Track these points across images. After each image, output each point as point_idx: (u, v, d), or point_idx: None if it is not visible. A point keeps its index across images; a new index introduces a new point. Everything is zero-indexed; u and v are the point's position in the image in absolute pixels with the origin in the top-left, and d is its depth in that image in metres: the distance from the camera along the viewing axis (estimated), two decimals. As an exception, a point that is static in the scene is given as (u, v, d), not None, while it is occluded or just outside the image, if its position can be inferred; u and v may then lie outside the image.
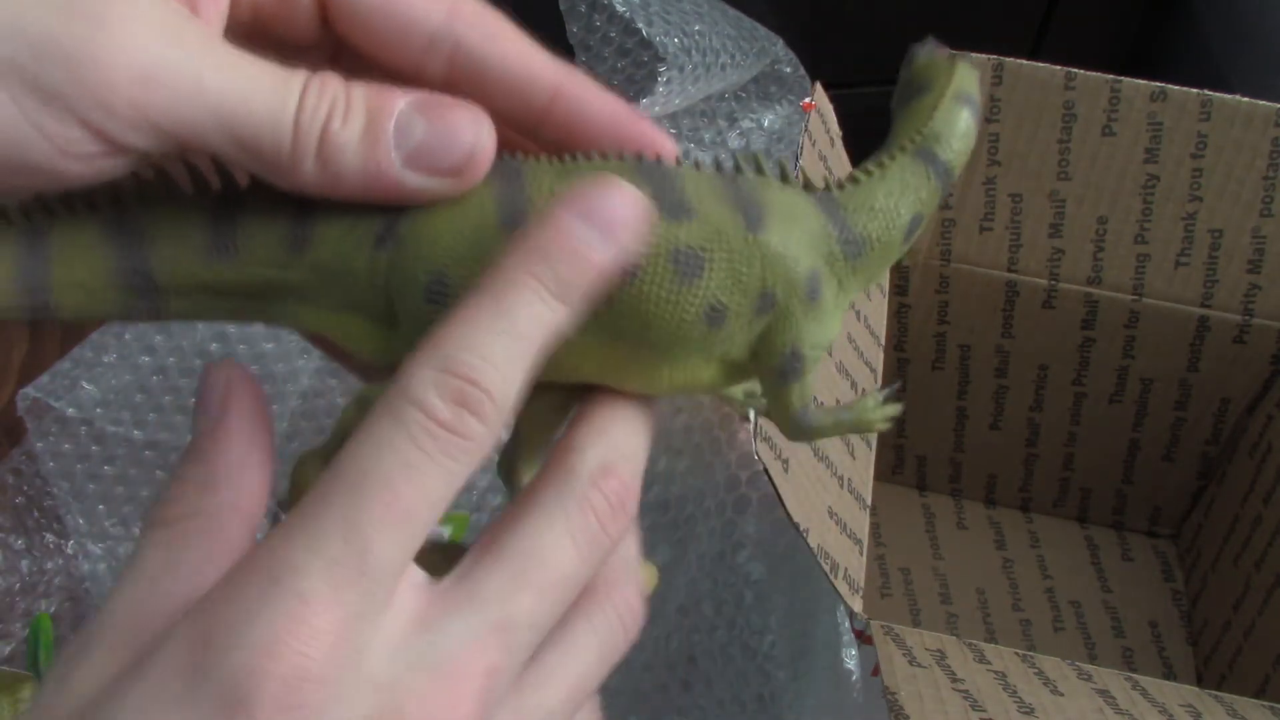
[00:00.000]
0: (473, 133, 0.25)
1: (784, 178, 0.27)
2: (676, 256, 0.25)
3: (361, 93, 0.24)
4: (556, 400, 0.28)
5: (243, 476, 0.26)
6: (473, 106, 0.25)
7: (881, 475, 0.75)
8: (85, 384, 0.62)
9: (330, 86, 0.24)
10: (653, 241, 0.25)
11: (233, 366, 0.26)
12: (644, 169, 0.26)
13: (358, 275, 0.26)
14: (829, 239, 0.26)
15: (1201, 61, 0.80)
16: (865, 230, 0.27)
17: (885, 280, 0.59)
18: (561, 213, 0.24)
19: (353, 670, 0.21)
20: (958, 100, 0.29)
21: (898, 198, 0.28)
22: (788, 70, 0.69)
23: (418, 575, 0.23)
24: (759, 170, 0.27)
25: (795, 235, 0.26)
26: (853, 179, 0.28)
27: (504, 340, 0.23)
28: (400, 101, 0.24)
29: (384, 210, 0.25)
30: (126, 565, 0.25)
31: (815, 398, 0.28)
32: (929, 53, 0.31)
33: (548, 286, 0.24)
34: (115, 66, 0.22)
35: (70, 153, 0.23)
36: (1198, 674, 0.68)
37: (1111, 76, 0.56)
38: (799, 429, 0.28)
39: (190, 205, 0.26)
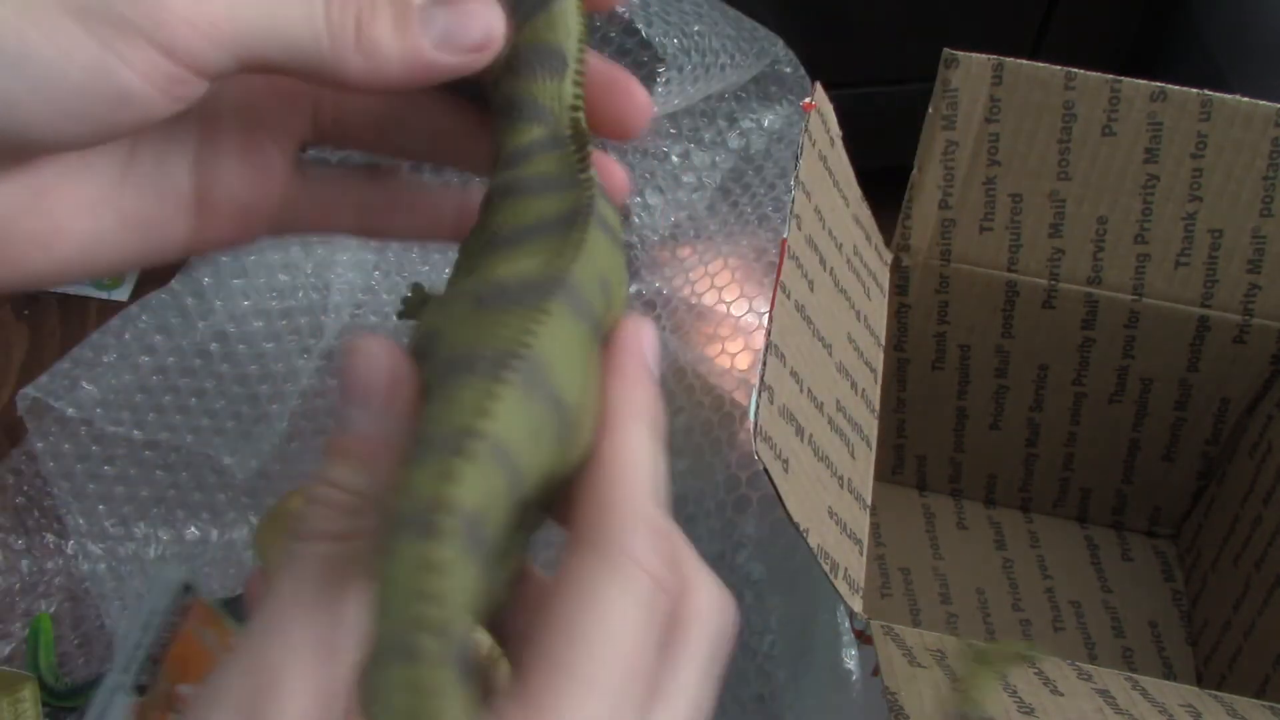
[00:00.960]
0: (485, 14, 0.27)
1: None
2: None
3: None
4: None
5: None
6: None
7: (881, 475, 0.75)
8: (85, 384, 0.62)
9: None
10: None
11: (395, 351, 0.25)
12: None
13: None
14: None
15: (1201, 61, 0.80)
16: None
17: (885, 280, 0.59)
18: (638, 366, 0.27)
19: None
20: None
21: None
22: (788, 70, 0.69)
23: None
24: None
25: None
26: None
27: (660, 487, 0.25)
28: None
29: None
30: (279, 579, 0.23)
31: None
32: None
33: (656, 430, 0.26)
34: None
35: (151, 78, 0.24)
36: (1198, 674, 0.68)
37: (1111, 76, 0.56)
38: None
39: None
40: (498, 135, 0.29)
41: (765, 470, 0.38)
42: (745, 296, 0.70)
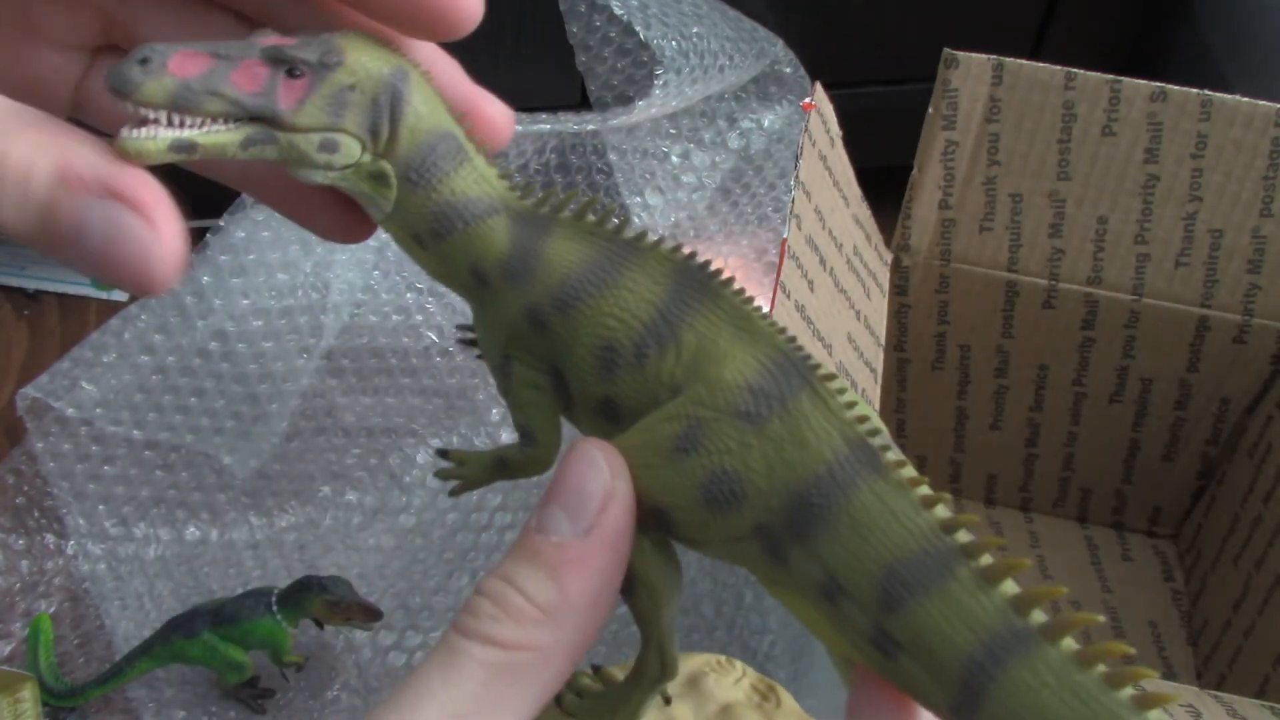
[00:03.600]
0: (150, 245, 0.22)
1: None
2: None
3: (44, 182, 0.21)
4: None
5: (592, 616, 0.23)
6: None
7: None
8: (85, 384, 0.62)
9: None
10: None
11: (620, 466, 0.24)
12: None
13: None
14: None
15: (1201, 61, 0.80)
16: None
17: (885, 280, 0.59)
18: None
19: None
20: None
21: None
22: (788, 70, 0.69)
23: None
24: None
25: None
26: None
27: None
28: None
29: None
30: (431, 671, 0.22)
31: None
32: None
33: None
34: None
35: None
36: (1198, 674, 0.68)
37: (1111, 76, 0.56)
38: None
39: None
40: (451, 261, 0.26)
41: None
42: (745, 296, 0.70)
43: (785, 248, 0.44)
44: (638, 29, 0.62)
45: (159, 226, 0.22)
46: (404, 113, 0.25)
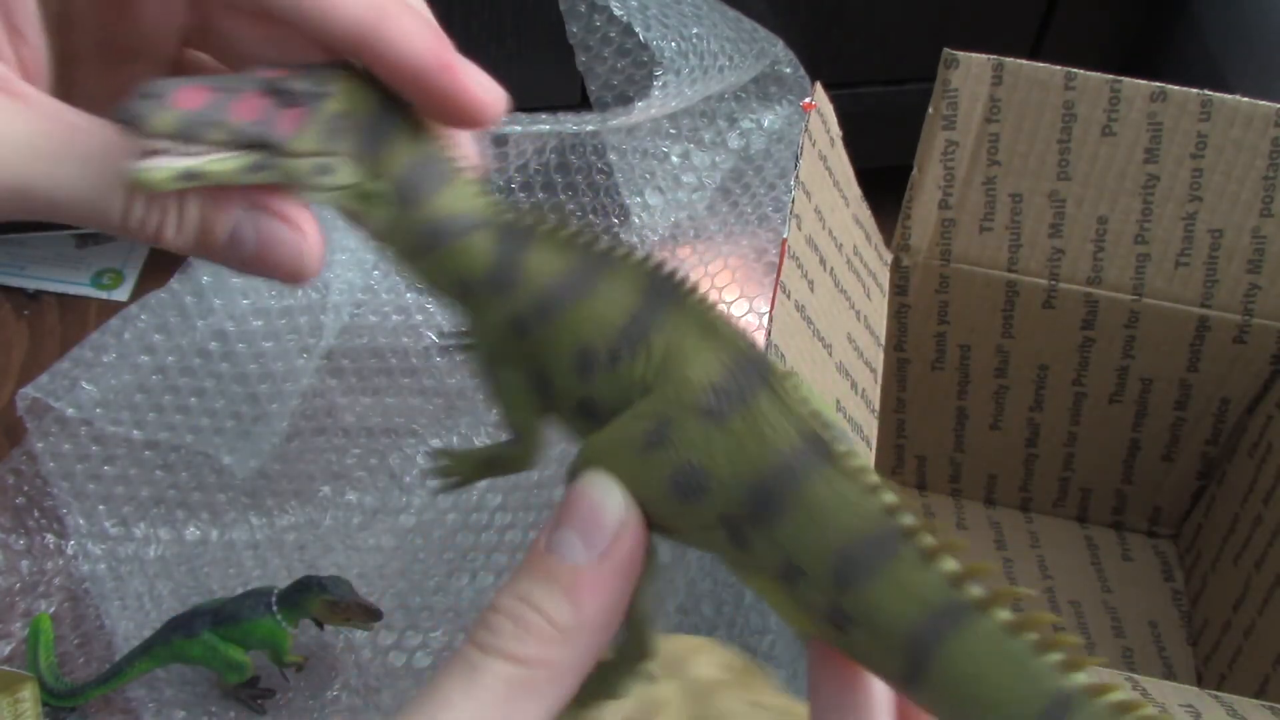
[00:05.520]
0: (297, 244, 0.26)
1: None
2: None
3: (195, 206, 0.25)
4: None
5: (602, 635, 0.24)
6: (297, 214, 0.26)
7: (881, 475, 0.75)
8: (85, 384, 0.62)
9: (162, 204, 0.25)
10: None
11: (628, 499, 0.25)
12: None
13: None
14: None
15: (1201, 61, 0.80)
16: None
17: (885, 280, 0.59)
18: None
19: None
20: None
21: None
22: (788, 70, 0.69)
23: None
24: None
25: None
26: None
27: None
28: (233, 212, 0.25)
29: None
30: (452, 684, 0.23)
31: None
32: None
33: None
34: None
35: None
36: (1198, 674, 0.68)
37: (1111, 76, 0.56)
38: None
39: None
40: (439, 273, 0.28)
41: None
42: (745, 296, 0.70)
43: (785, 248, 0.44)
44: (638, 29, 0.62)
45: (302, 226, 0.26)
46: (392, 138, 0.27)
